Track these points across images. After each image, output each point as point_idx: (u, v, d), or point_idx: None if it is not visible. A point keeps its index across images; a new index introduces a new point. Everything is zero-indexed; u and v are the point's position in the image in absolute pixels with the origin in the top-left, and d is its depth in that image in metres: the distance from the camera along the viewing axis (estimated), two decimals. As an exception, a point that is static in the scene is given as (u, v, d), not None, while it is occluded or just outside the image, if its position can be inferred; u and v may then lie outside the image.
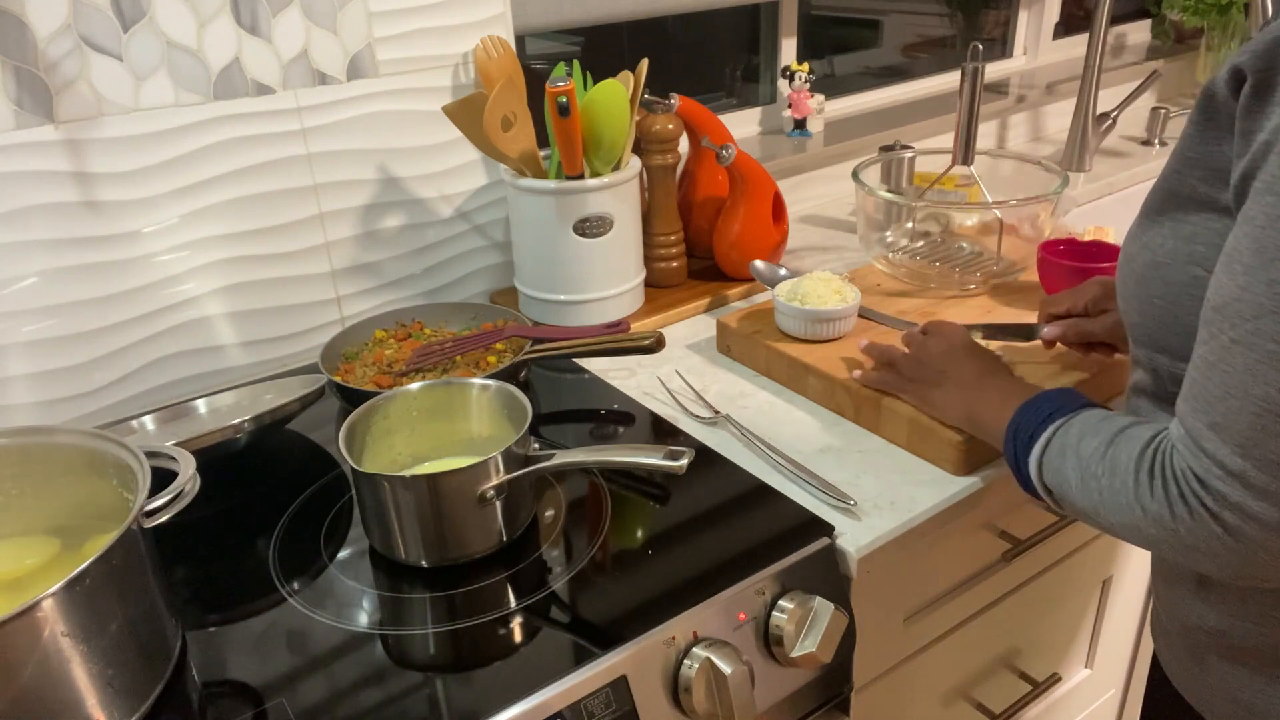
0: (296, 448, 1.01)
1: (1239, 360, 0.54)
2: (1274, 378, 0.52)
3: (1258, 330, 0.53)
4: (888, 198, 1.22)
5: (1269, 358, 0.53)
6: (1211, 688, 0.70)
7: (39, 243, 0.98)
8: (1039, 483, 0.70)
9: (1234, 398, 0.54)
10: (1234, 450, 0.55)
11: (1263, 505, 0.54)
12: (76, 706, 0.61)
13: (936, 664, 1.00)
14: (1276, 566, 0.56)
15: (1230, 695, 0.69)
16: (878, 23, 1.91)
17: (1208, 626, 0.68)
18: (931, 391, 0.87)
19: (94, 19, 0.95)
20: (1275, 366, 0.52)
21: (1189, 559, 0.59)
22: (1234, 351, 0.54)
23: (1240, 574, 0.58)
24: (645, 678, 0.70)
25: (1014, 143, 1.93)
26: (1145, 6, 2.27)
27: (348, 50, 1.10)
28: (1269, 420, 0.53)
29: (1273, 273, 0.52)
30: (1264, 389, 0.53)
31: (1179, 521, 0.58)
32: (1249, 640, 0.66)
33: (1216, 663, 0.69)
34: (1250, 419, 0.54)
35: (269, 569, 0.81)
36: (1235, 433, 0.54)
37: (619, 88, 1.10)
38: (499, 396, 0.87)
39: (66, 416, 1.04)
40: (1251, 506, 0.54)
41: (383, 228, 1.19)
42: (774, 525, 0.82)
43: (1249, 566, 0.57)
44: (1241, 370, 0.54)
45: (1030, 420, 0.72)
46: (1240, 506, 0.55)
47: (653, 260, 1.26)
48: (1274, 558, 0.55)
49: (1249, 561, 0.56)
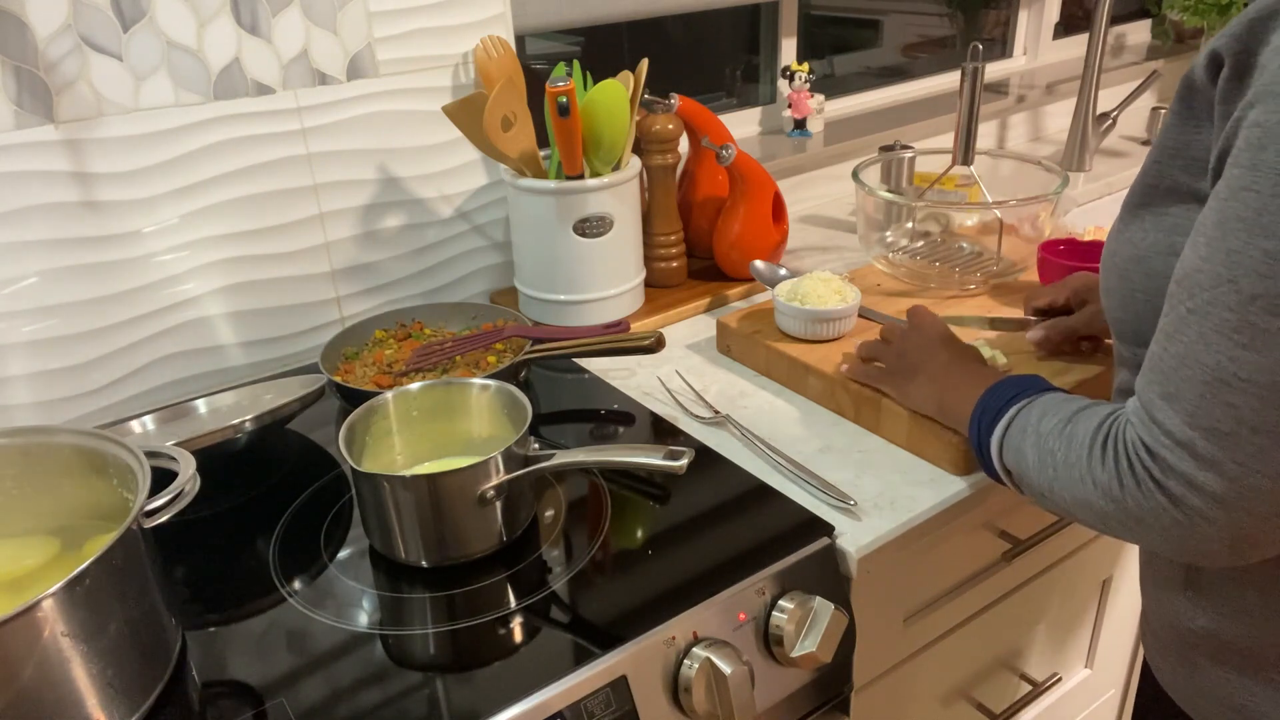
0: (296, 448, 1.01)
1: (1194, 330, 0.54)
2: (1225, 346, 0.52)
3: (1214, 299, 0.53)
4: (888, 198, 1.22)
5: (1222, 326, 0.52)
6: (1201, 689, 0.70)
7: (39, 243, 0.98)
8: (999, 463, 0.71)
9: (1187, 367, 0.54)
10: (1183, 419, 0.54)
11: (1208, 475, 0.54)
12: (76, 706, 0.61)
13: (936, 664, 1.00)
14: (1219, 541, 0.55)
15: (1219, 697, 0.68)
16: (878, 23, 1.91)
17: (1196, 628, 0.68)
18: (907, 384, 0.88)
19: (94, 19, 0.95)
20: (1228, 335, 0.52)
21: (1136, 533, 0.59)
22: (1189, 321, 0.54)
23: (1183, 548, 0.57)
24: (645, 678, 0.70)
25: (1014, 143, 1.93)
26: (1145, 6, 2.27)
27: (348, 50, 1.10)
28: (1218, 389, 0.53)
29: (1231, 242, 0.52)
30: (1215, 357, 0.53)
31: (1126, 492, 0.58)
32: (1238, 641, 0.66)
33: (1206, 664, 0.69)
34: (1200, 388, 0.53)
35: (269, 569, 0.81)
36: (1185, 402, 0.54)
37: (619, 88, 1.10)
38: (499, 396, 0.87)
39: (66, 416, 1.04)
40: (1197, 476, 0.54)
41: (383, 228, 1.19)
42: (774, 525, 0.82)
43: (1192, 539, 0.56)
44: (1195, 339, 0.54)
45: (994, 402, 0.72)
46: (1186, 476, 0.54)
47: (653, 260, 1.26)
48: (1217, 530, 0.55)
49: (1192, 534, 0.56)
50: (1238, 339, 0.52)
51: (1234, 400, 0.52)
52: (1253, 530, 0.54)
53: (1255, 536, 0.54)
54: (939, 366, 0.85)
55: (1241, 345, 0.52)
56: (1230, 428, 0.53)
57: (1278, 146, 0.50)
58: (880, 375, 0.93)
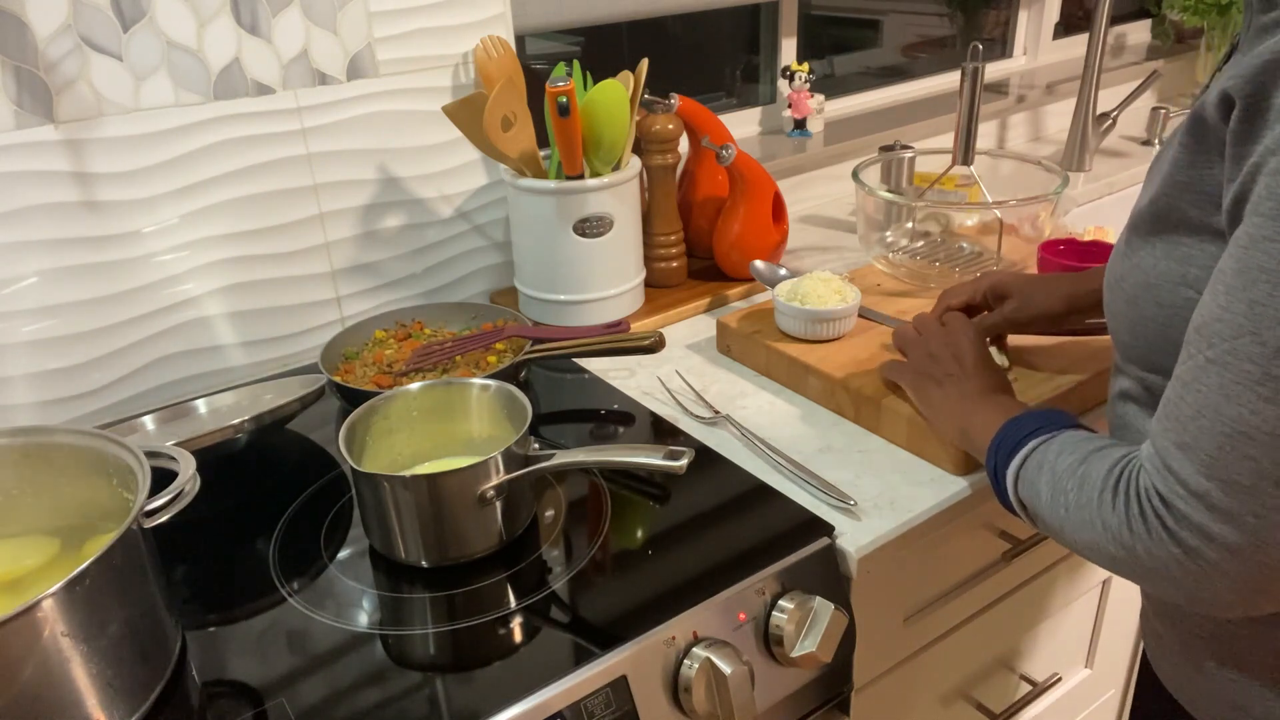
0: (296, 448, 1.01)
1: (1214, 380, 0.53)
2: (1247, 398, 0.52)
3: (1234, 350, 0.52)
4: (888, 198, 1.22)
5: (1244, 378, 0.52)
6: (1204, 689, 0.70)
7: (39, 243, 0.98)
8: (1014, 496, 0.70)
9: (1205, 418, 0.54)
10: (1199, 470, 0.54)
11: (1224, 528, 0.53)
12: (76, 706, 0.61)
13: (936, 664, 1.00)
14: (1232, 592, 0.55)
15: (1223, 697, 0.68)
16: (878, 23, 1.91)
17: (1202, 630, 0.68)
18: (932, 389, 0.87)
19: (94, 19, 0.95)
20: (1249, 388, 0.52)
21: (1147, 580, 0.59)
22: (1209, 371, 0.54)
23: (1195, 597, 0.57)
24: (645, 678, 0.70)
25: (1014, 143, 1.93)
26: (1145, 6, 2.27)
27: (348, 50, 1.10)
28: (1238, 441, 0.52)
29: (1254, 293, 0.51)
30: (1236, 410, 0.52)
31: (1137, 539, 0.57)
32: (1245, 644, 0.65)
33: (1212, 667, 0.68)
34: (1219, 439, 0.53)
35: (269, 569, 0.81)
36: (1202, 453, 0.54)
37: (619, 88, 1.10)
38: (499, 396, 0.87)
39: (66, 416, 1.04)
40: (1212, 528, 0.54)
41: (383, 228, 1.19)
42: (774, 525, 0.82)
43: (1204, 590, 0.56)
44: (1215, 390, 0.53)
45: (1014, 435, 0.71)
46: (1201, 528, 0.54)
47: (653, 260, 1.26)
48: (1230, 582, 0.54)
49: (1205, 585, 0.55)
50: (1261, 391, 0.51)
51: (1255, 454, 0.52)
52: (1265, 582, 0.54)
53: (1268, 588, 0.54)
54: (974, 389, 0.83)
55: (1265, 398, 0.51)
56: (1251, 481, 0.52)
57: None
58: (902, 370, 0.91)
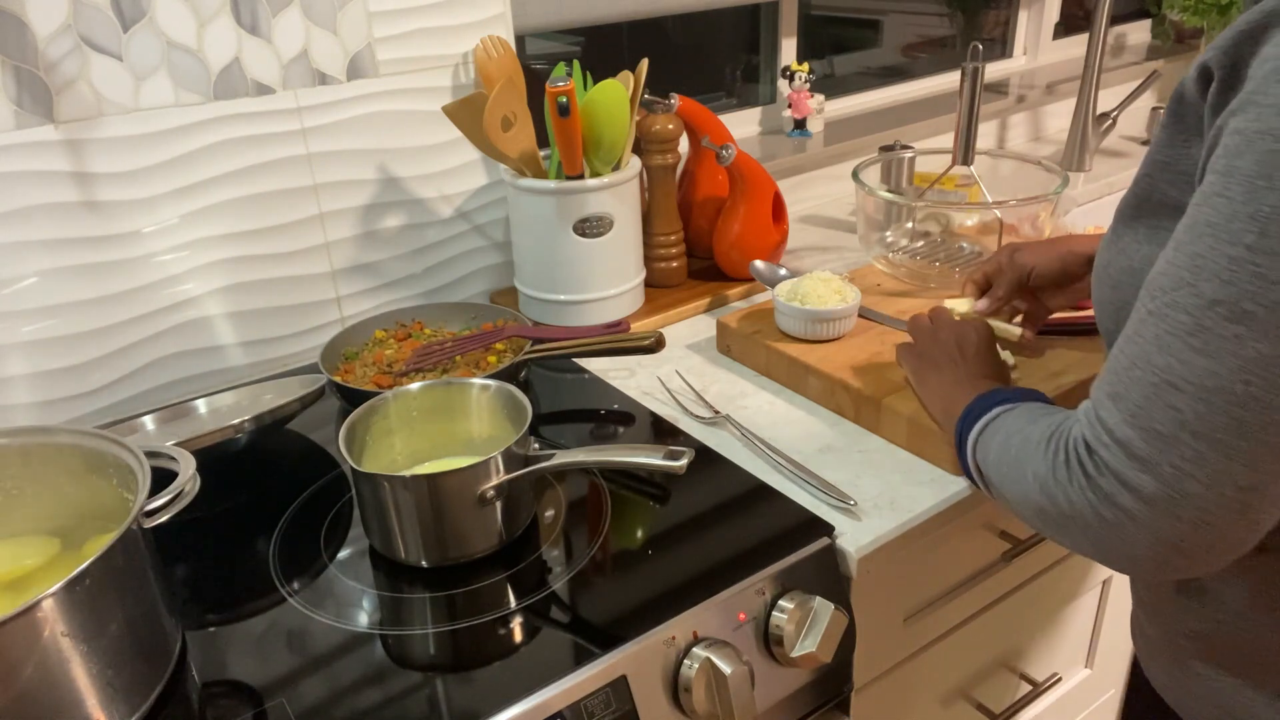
0: (296, 448, 1.01)
1: (1150, 331, 0.54)
2: (1178, 349, 0.52)
3: (1172, 302, 0.53)
4: (888, 198, 1.22)
5: (1177, 329, 0.52)
6: (1193, 692, 0.70)
7: (39, 243, 0.98)
8: (972, 461, 0.72)
9: (1138, 367, 0.54)
10: (1125, 419, 0.54)
11: (1141, 477, 0.53)
12: (76, 706, 0.61)
13: (936, 664, 1.00)
14: (1143, 545, 0.55)
15: (1210, 699, 0.68)
16: (878, 23, 1.91)
17: (1189, 630, 0.68)
18: (929, 372, 0.87)
19: (94, 19, 0.95)
20: (1181, 338, 0.52)
21: (1066, 532, 0.59)
22: (1148, 323, 0.54)
23: (1107, 549, 0.57)
24: (645, 678, 0.70)
25: (1014, 143, 1.93)
26: (1145, 6, 2.27)
27: (348, 50, 1.10)
28: (1164, 391, 0.52)
29: (1198, 247, 0.52)
30: (1166, 359, 0.53)
31: (1059, 486, 0.58)
32: (1229, 644, 0.65)
33: (1199, 667, 0.68)
34: (1147, 388, 0.53)
35: (269, 569, 0.81)
36: (1130, 402, 0.54)
37: (619, 88, 1.10)
38: (499, 396, 0.87)
39: (66, 416, 1.04)
40: (1129, 476, 0.54)
41: (383, 228, 1.19)
42: (774, 525, 0.82)
43: (1116, 541, 0.56)
44: (1150, 340, 0.54)
45: (982, 405, 0.73)
46: (1119, 474, 0.54)
47: (653, 260, 1.26)
48: (1143, 534, 0.54)
49: (1118, 536, 0.55)
50: (1192, 342, 0.52)
51: (1178, 403, 0.52)
52: (1176, 537, 0.54)
53: (1180, 544, 0.54)
54: (962, 375, 0.83)
55: (1194, 349, 0.51)
56: (1171, 430, 0.52)
57: (1254, 154, 0.50)
58: (907, 353, 0.92)
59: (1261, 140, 0.49)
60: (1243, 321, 0.50)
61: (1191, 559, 0.55)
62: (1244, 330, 0.50)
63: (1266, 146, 0.49)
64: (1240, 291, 0.50)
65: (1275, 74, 0.50)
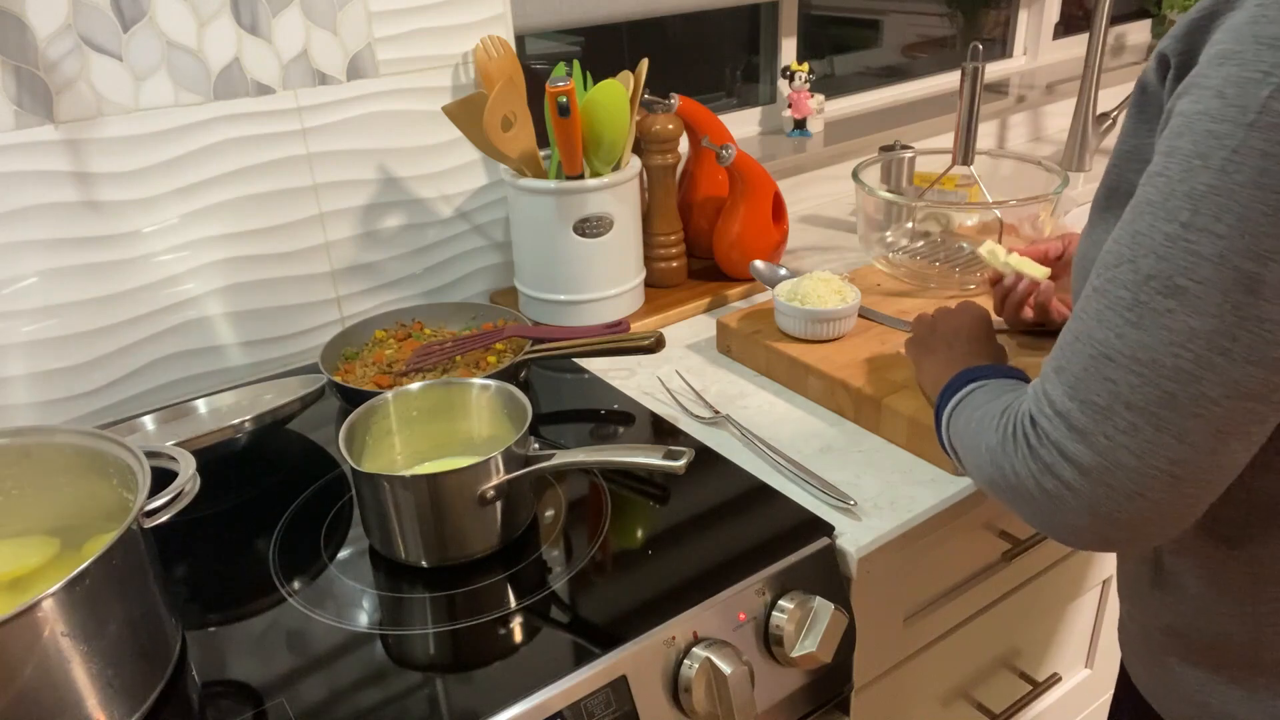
0: (296, 448, 1.01)
1: (1093, 306, 0.55)
2: (1115, 323, 0.53)
3: (1113, 278, 0.54)
4: (888, 198, 1.22)
5: (1116, 303, 0.54)
6: (1170, 688, 0.70)
7: (39, 243, 0.98)
8: (946, 435, 0.73)
9: (1080, 341, 0.56)
10: (1065, 391, 0.56)
11: (1078, 447, 0.55)
12: (76, 706, 0.61)
13: (936, 664, 1.00)
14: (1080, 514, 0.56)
15: (1188, 696, 0.68)
16: (878, 23, 1.91)
17: (1164, 626, 0.68)
18: (925, 357, 0.89)
19: (94, 19, 0.95)
20: (1119, 312, 0.53)
21: (1014, 503, 0.60)
22: (1092, 299, 0.56)
23: (1051, 521, 0.58)
24: (645, 678, 0.70)
25: (1014, 143, 1.93)
26: (1145, 6, 2.27)
27: (348, 50, 1.10)
28: (1101, 363, 0.54)
29: (1139, 224, 0.53)
30: (1104, 333, 0.54)
31: (1006, 457, 0.59)
32: (1204, 641, 0.66)
33: (1175, 664, 0.69)
34: (1086, 360, 0.55)
35: (269, 569, 0.81)
36: (1070, 374, 0.56)
37: (619, 88, 1.10)
38: (499, 396, 0.87)
39: (66, 416, 1.04)
40: (1068, 446, 0.55)
41: (383, 228, 1.19)
42: (774, 525, 0.82)
43: (1057, 512, 0.57)
44: (1092, 315, 0.55)
45: (959, 381, 0.74)
46: (1058, 445, 0.56)
47: (653, 260, 1.26)
48: (1080, 504, 0.55)
49: (1058, 506, 0.56)
50: (1128, 316, 0.53)
51: (1114, 376, 0.53)
52: (1112, 508, 0.54)
53: (1115, 515, 0.55)
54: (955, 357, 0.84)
55: (1130, 323, 0.53)
56: (1106, 402, 0.54)
57: (1193, 134, 0.51)
58: (910, 342, 0.93)
59: (1200, 120, 0.51)
60: (1174, 296, 0.51)
61: (1130, 531, 0.55)
62: (1175, 305, 0.51)
63: (1204, 127, 0.50)
64: (1174, 267, 0.51)
65: (1217, 57, 0.51)
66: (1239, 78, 0.49)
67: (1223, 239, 0.49)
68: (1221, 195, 0.49)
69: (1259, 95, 0.48)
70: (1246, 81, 0.49)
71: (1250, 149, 0.49)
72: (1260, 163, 0.48)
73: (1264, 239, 0.48)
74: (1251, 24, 0.50)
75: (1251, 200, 0.49)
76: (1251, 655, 0.63)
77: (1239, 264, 0.49)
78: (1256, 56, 0.49)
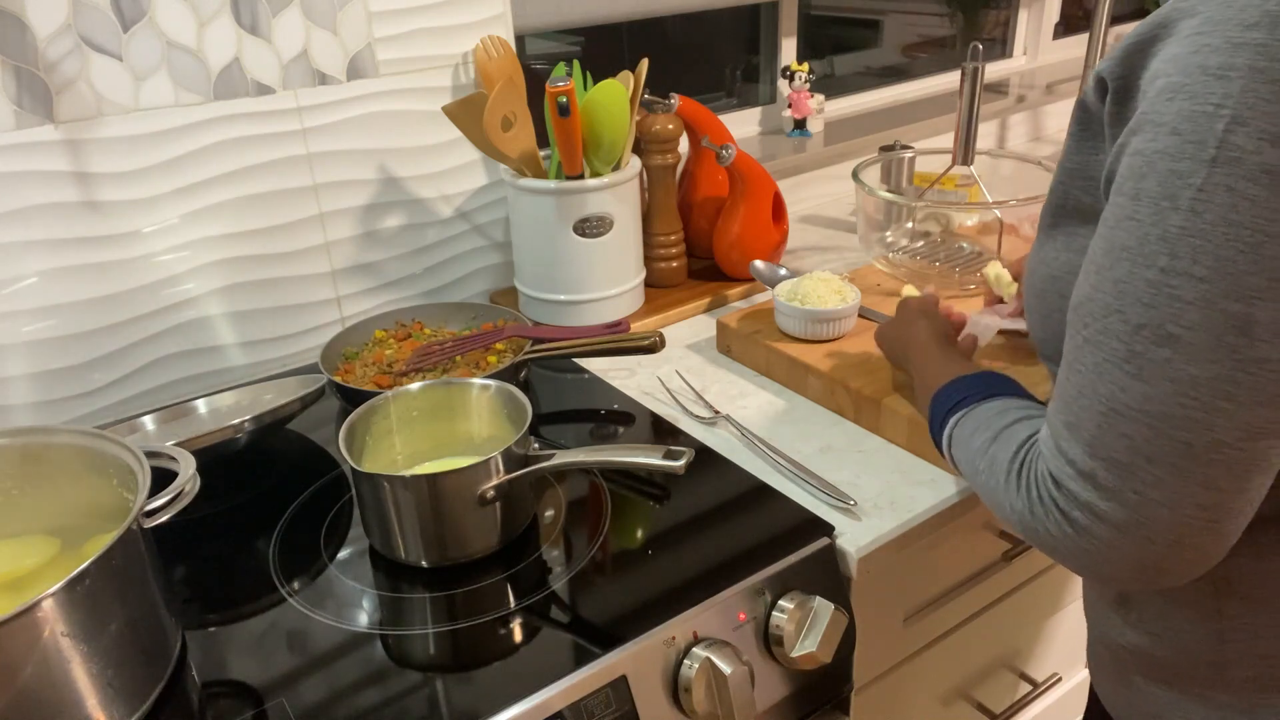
0: (296, 448, 1.01)
1: (1089, 359, 0.54)
2: (1116, 376, 0.53)
3: (1105, 329, 0.53)
4: (888, 198, 1.22)
5: (1112, 356, 0.53)
6: (1135, 706, 0.70)
7: (39, 243, 0.98)
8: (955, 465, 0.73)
9: (1085, 397, 0.55)
10: (1085, 450, 0.55)
11: (1109, 505, 0.54)
12: (76, 706, 0.61)
13: (936, 664, 1.00)
14: (1126, 567, 0.55)
15: (1152, 713, 0.68)
16: (878, 23, 1.91)
17: (1128, 644, 0.68)
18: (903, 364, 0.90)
19: (94, 19, 0.95)
20: (1117, 365, 0.52)
21: (1058, 558, 0.60)
22: (1085, 351, 0.55)
23: (1096, 573, 0.57)
24: (645, 678, 0.70)
25: (1014, 143, 1.93)
26: (1145, 6, 2.27)
27: (348, 50, 1.10)
28: (1112, 419, 0.53)
29: (1118, 272, 0.52)
30: (1109, 388, 0.53)
31: (1038, 520, 0.58)
32: (1168, 658, 0.65)
33: (1141, 682, 0.68)
34: (1098, 418, 0.54)
35: (269, 569, 0.81)
36: (1085, 431, 0.55)
37: (619, 88, 1.10)
38: (499, 396, 0.87)
39: (66, 416, 1.04)
40: (1099, 506, 0.54)
41: (383, 228, 1.19)
42: (774, 525, 0.82)
43: (1102, 565, 0.56)
44: (1091, 369, 0.54)
45: (939, 410, 0.74)
46: (1090, 506, 0.55)
47: (653, 260, 1.26)
48: (1123, 558, 0.55)
49: (1101, 560, 0.56)
50: (1127, 369, 0.52)
51: (1128, 430, 0.52)
52: (1155, 558, 0.54)
53: (1160, 563, 0.54)
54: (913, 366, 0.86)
55: (1131, 375, 0.52)
56: (1127, 458, 0.53)
57: (1157, 175, 0.50)
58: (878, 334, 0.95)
59: (1161, 160, 0.50)
60: (1168, 345, 0.50)
61: (1175, 573, 0.55)
62: (1171, 353, 0.50)
63: (1166, 166, 0.50)
64: (1162, 315, 0.50)
65: (1165, 91, 0.50)
66: (1191, 112, 0.49)
67: (1204, 282, 0.48)
68: (1195, 236, 0.49)
69: (1215, 129, 0.48)
70: (1199, 115, 0.48)
71: (1215, 185, 0.48)
72: (1227, 198, 0.47)
73: (1246, 278, 0.47)
74: (1195, 54, 0.49)
75: (1225, 239, 0.48)
76: (1214, 673, 0.63)
77: (1225, 306, 0.48)
78: (1206, 89, 0.48)
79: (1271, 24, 0.46)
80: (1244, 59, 0.47)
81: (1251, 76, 0.47)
